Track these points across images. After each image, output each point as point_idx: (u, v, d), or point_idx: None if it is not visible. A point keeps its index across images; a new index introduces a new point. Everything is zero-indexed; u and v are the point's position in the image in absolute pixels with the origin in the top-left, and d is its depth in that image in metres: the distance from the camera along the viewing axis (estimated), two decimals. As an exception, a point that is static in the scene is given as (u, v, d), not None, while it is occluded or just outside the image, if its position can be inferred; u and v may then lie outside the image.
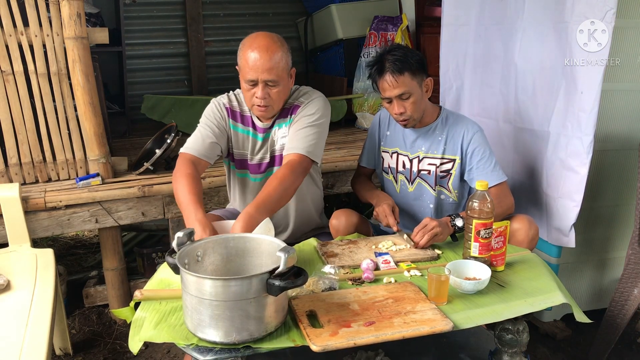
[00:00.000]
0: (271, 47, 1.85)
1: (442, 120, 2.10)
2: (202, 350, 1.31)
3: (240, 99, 2.07)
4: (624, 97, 2.18)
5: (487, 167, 2.03)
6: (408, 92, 1.96)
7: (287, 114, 2.02)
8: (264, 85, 1.87)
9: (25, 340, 1.53)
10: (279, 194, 1.77)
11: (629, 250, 2.11)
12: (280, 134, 2.03)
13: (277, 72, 1.86)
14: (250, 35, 1.91)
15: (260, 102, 1.89)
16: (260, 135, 2.06)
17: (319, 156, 1.98)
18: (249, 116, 2.06)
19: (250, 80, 1.87)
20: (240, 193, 2.18)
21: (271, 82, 1.87)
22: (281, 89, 1.91)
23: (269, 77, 1.85)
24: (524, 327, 1.64)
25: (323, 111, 2.00)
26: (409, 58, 1.95)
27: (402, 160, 2.17)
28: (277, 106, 1.96)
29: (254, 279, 1.28)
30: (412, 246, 1.86)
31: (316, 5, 4.40)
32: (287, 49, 1.92)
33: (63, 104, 2.49)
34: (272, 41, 1.87)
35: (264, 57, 1.83)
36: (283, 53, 1.88)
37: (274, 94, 1.90)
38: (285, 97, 1.98)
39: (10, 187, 2.31)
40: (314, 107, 1.98)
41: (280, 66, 1.87)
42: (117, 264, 2.64)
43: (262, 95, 1.88)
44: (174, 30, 4.58)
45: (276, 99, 1.92)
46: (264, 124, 2.04)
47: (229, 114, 2.05)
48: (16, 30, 2.35)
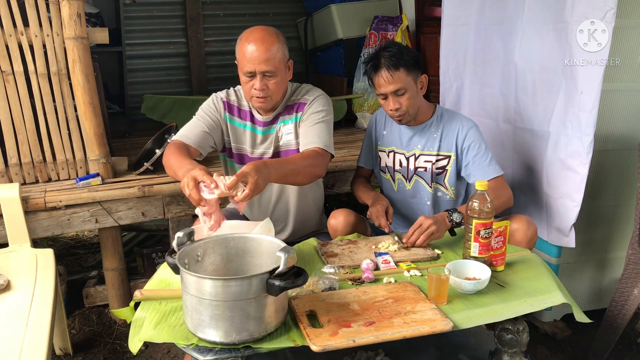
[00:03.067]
0: (267, 39, 1.88)
1: (437, 118, 2.12)
2: (202, 350, 1.31)
3: (240, 94, 2.09)
4: (624, 97, 2.18)
5: (483, 162, 2.04)
6: (403, 87, 1.98)
7: (292, 110, 2.04)
8: (262, 76, 1.89)
9: (25, 340, 1.53)
10: (296, 165, 1.80)
11: (629, 250, 2.11)
12: (285, 130, 2.04)
13: (274, 63, 1.88)
14: (247, 30, 1.94)
15: (259, 94, 1.92)
16: (260, 129, 2.07)
17: (333, 149, 1.99)
18: (248, 110, 2.07)
19: (248, 72, 1.89)
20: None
21: (269, 73, 1.89)
22: (279, 80, 1.93)
23: (266, 68, 1.87)
24: (524, 327, 1.64)
25: (329, 107, 2.04)
26: (404, 54, 1.98)
27: (399, 158, 2.18)
28: (276, 97, 1.98)
29: (254, 279, 1.28)
30: (401, 247, 1.86)
31: (316, 5, 4.40)
32: (284, 41, 1.95)
33: (63, 104, 2.49)
34: (268, 33, 1.90)
35: (260, 48, 1.86)
36: (279, 45, 1.91)
37: (272, 85, 1.92)
38: (283, 89, 2.00)
39: (10, 187, 2.31)
40: (320, 105, 2.01)
41: (277, 57, 1.89)
42: (117, 264, 2.64)
43: (260, 87, 1.90)
44: (174, 30, 4.57)
45: (274, 90, 1.94)
46: (264, 117, 2.05)
47: (225, 107, 2.07)
48: (16, 30, 2.35)
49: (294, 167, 1.79)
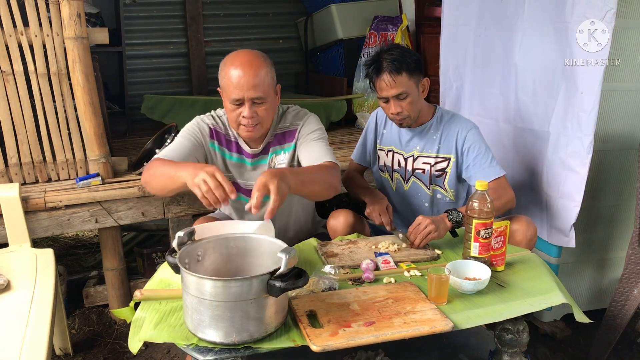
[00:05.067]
0: (254, 62, 1.77)
1: (436, 120, 2.11)
2: (202, 351, 1.31)
3: (225, 122, 1.97)
4: (624, 97, 2.18)
5: (483, 163, 2.03)
6: (405, 92, 1.97)
7: (284, 140, 1.95)
8: (251, 103, 1.77)
9: (25, 340, 1.53)
10: (313, 174, 1.72)
11: (629, 250, 2.11)
12: (278, 160, 1.96)
13: (263, 88, 1.77)
14: (230, 54, 1.82)
15: (248, 122, 1.80)
16: (249, 161, 1.97)
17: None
18: (234, 142, 1.97)
19: (235, 99, 1.77)
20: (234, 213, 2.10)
21: (258, 100, 1.78)
22: (269, 107, 1.82)
23: (255, 94, 1.76)
24: (524, 327, 1.64)
25: (320, 125, 1.97)
26: (406, 58, 1.96)
27: (398, 158, 2.18)
28: (266, 124, 1.88)
29: (254, 280, 1.28)
30: (408, 245, 1.87)
31: (316, 5, 4.40)
32: (271, 65, 1.83)
33: (63, 104, 2.49)
34: (255, 57, 1.79)
35: (248, 73, 1.74)
36: (268, 69, 1.79)
37: (261, 112, 1.80)
38: (273, 115, 1.89)
39: (10, 187, 2.31)
40: (312, 125, 1.94)
41: (266, 82, 1.78)
42: (117, 264, 2.64)
43: (250, 114, 1.78)
44: (174, 30, 4.58)
45: (264, 117, 1.82)
46: (253, 149, 1.95)
47: (212, 135, 1.95)
48: (16, 30, 2.35)
49: (311, 176, 1.70)
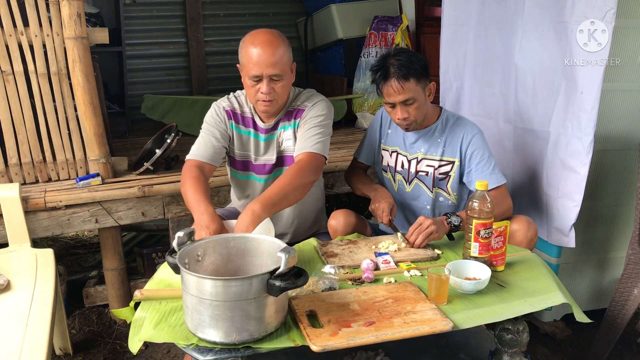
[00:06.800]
0: (274, 42, 1.88)
1: (442, 122, 2.10)
2: (202, 350, 1.31)
3: (241, 101, 2.09)
4: (624, 97, 2.18)
5: (485, 170, 2.02)
6: (412, 98, 1.95)
7: (292, 117, 2.04)
8: (269, 80, 1.89)
9: (25, 340, 1.53)
10: (285, 192, 1.79)
11: (629, 250, 2.11)
12: (285, 135, 2.05)
13: (280, 66, 1.88)
14: (250, 33, 1.93)
15: (266, 97, 1.91)
16: (263, 136, 2.07)
17: (327, 152, 1.99)
18: (250, 117, 2.07)
19: (254, 75, 1.88)
20: (241, 193, 2.18)
21: (275, 77, 1.89)
22: (285, 83, 1.93)
23: (273, 71, 1.87)
24: (524, 327, 1.64)
25: (327, 113, 2.03)
26: (414, 63, 1.93)
27: (401, 160, 2.17)
28: (282, 100, 1.98)
29: (254, 280, 1.28)
30: (407, 245, 1.87)
31: (316, 5, 4.40)
32: (288, 44, 1.95)
33: (63, 104, 2.49)
34: (273, 36, 1.90)
35: (267, 52, 1.85)
36: (285, 47, 1.91)
37: (278, 88, 1.92)
38: (288, 91, 2.00)
39: (10, 187, 2.31)
40: (318, 110, 2.01)
41: (283, 60, 1.89)
42: (117, 264, 2.64)
43: (267, 90, 1.89)
44: (174, 30, 4.57)
45: (280, 93, 1.94)
46: (266, 124, 2.05)
47: (230, 116, 2.06)
48: (16, 30, 2.35)
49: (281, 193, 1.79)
